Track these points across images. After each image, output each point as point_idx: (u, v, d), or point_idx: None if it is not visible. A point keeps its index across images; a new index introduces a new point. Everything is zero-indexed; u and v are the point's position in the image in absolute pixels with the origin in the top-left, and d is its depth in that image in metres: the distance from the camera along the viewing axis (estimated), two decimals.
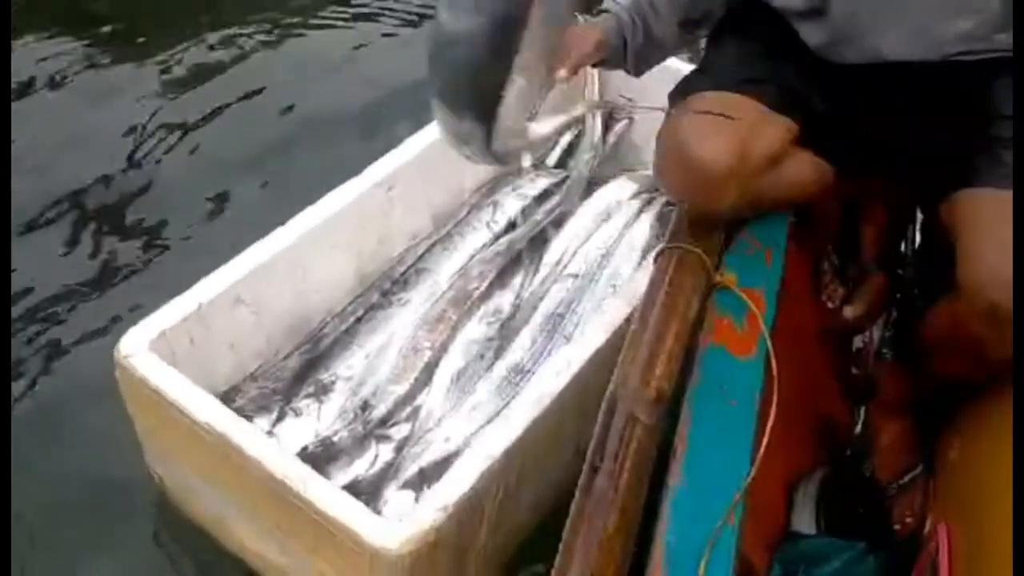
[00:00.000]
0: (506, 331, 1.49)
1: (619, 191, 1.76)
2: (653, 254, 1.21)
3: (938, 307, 1.14)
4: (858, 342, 1.49)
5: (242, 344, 1.40)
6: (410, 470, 1.31)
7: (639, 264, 1.58)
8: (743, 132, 1.14)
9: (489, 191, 1.76)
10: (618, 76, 1.85)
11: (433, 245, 1.65)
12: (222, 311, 1.33)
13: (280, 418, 1.38)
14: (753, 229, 1.25)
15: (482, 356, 1.47)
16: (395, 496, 1.27)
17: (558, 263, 1.61)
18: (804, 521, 1.12)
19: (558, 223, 1.69)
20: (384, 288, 1.58)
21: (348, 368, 1.46)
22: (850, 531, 1.11)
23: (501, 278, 1.58)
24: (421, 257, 1.63)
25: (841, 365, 1.44)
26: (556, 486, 1.40)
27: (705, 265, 1.16)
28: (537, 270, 1.61)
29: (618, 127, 1.90)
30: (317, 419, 1.39)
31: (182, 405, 1.15)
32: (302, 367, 1.46)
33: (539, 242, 1.66)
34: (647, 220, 1.68)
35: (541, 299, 1.54)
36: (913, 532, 1.17)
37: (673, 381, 1.04)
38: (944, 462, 1.21)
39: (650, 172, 1.82)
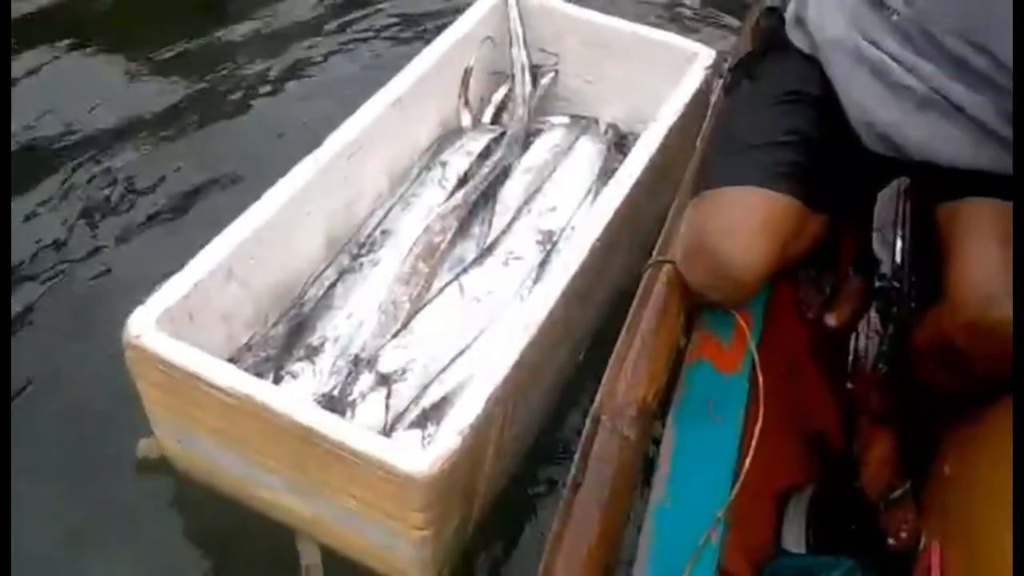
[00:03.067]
0: (473, 275, 1.62)
1: (554, 137, 1.90)
2: (644, 268, 1.21)
3: (926, 316, 1.13)
4: (853, 357, 1.46)
5: (234, 316, 1.48)
6: (413, 412, 1.43)
7: (584, 198, 1.74)
8: (783, 239, 1.11)
9: (435, 152, 1.87)
10: (539, 33, 1.99)
11: (392, 208, 1.75)
12: (216, 286, 1.40)
13: (278, 382, 1.46)
14: None
15: (456, 302, 1.59)
16: (404, 436, 1.38)
17: (509, 208, 1.75)
18: (793, 539, 1.12)
19: (505, 173, 1.82)
20: (353, 252, 1.67)
21: (334, 329, 1.55)
22: (840, 548, 1.11)
23: (462, 229, 1.70)
24: (383, 220, 1.73)
25: (836, 380, 1.41)
26: (543, 413, 1.56)
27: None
28: (493, 217, 1.74)
29: (544, 80, 2.02)
30: (313, 378, 1.48)
31: (202, 374, 1.23)
32: (290, 333, 1.54)
33: (491, 193, 1.78)
34: (584, 158, 1.84)
35: (500, 241, 1.67)
36: (905, 549, 1.15)
37: (658, 397, 1.03)
38: (937, 478, 1.18)
39: (577, 116, 1.98)
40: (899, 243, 1.43)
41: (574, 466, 0.94)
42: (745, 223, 1.11)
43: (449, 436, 1.19)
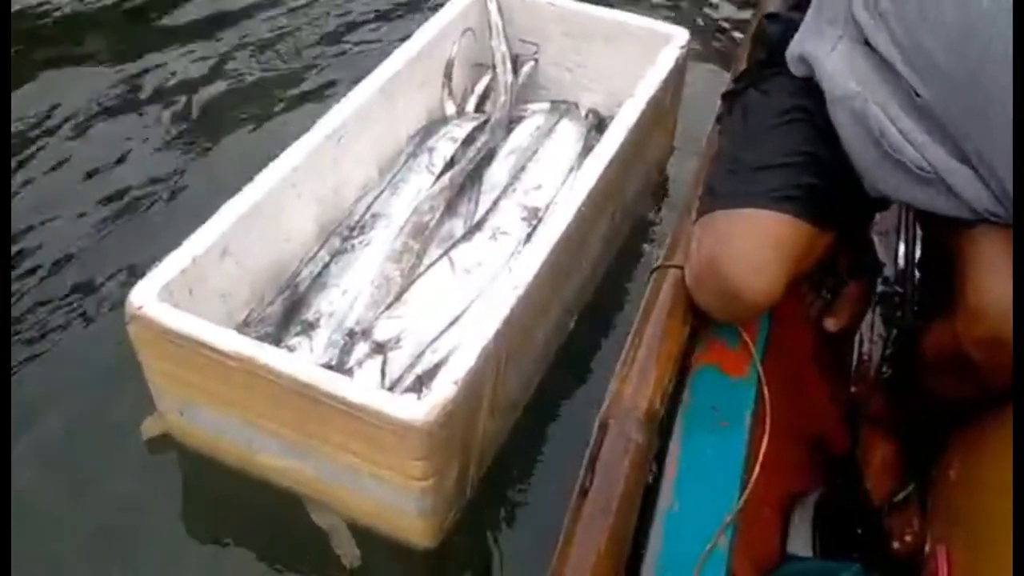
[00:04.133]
0: (462, 250, 1.68)
1: (536, 121, 1.97)
2: (648, 272, 1.21)
3: (937, 325, 1.12)
4: (856, 361, 1.47)
5: (231, 294, 1.52)
6: (408, 379, 1.47)
7: (567, 176, 1.80)
8: (793, 260, 1.10)
9: (421, 140, 1.92)
10: (519, 24, 2.06)
11: (381, 192, 1.81)
12: (212, 263, 1.45)
13: None
14: None
15: (446, 275, 1.64)
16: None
17: (495, 187, 1.81)
18: (800, 543, 1.11)
19: (490, 156, 1.89)
20: (344, 234, 1.73)
21: (329, 304, 1.60)
22: (846, 552, 1.10)
23: (450, 208, 1.76)
24: (372, 204, 1.78)
25: (839, 384, 1.41)
26: (534, 379, 1.60)
27: None
28: (480, 196, 1.80)
29: (525, 69, 2.09)
30: (311, 352, 1.53)
31: (206, 340, 1.28)
32: (287, 310, 1.59)
33: (476, 174, 1.84)
34: (566, 139, 1.91)
35: (487, 218, 1.73)
36: (911, 553, 1.14)
37: (665, 401, 1.04)
38: (942, 481, 1.17)
39: (558, 101, 2.05)
40: (902, 248, 1.46)
41: (582, 471, 0.94)
42: (755, 247, 1.09)
43: (444, 386, 1.23)
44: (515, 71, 2.07)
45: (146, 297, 1.32)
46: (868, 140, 1.10)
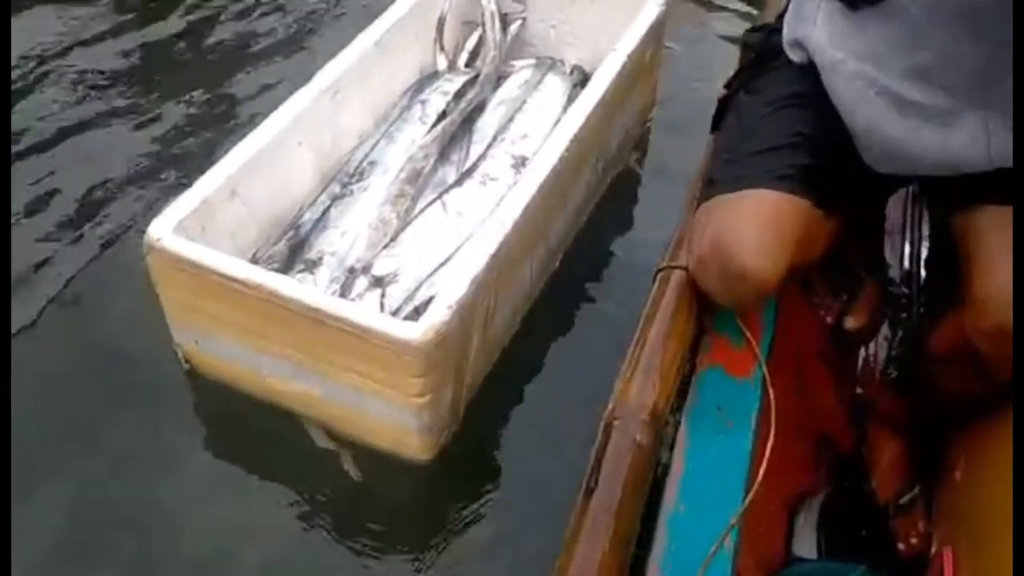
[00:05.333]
0: (454, 194, 1.79)
1: (523, 76, 2.08)
2: (652, 273, 1.22)
3: (945, 320, 1.13)
4: (862, 361, 1.46)
5: (239, 234, 1.63)
6: (405, 310, 1.59)
7: (553, 126, 1.91)
8: (795, 239, 1.10)
9: (415, 93, 2.03)
10: None
11: (378, 142, 1.91)
12: (221, 203, 1.56)
13: None
14: None
15: (440, 217, 1.76)
16: None
17: (485, 136, 1.92)
18: (805, 545, 1.12)
19: (480, 108, 1.99)
20: (344, 181, 1.84)
21: (330, 245, 1.71)
22: (852, 553, 1.11)
23: (443, 156, 1.87)
24: (369, 153, 1.89)
25: (845, 384, 1.41)
26: (517, 312, 1.72)
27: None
28: (471, 145, 1.91)
29: (513, 27, 2.19)
30: (315, 286, 1.65)
31: (221, 269, 1.39)
32: (291, 249, 1.71)
33: (468, 125, 1.95)
34: (552, 92, 2.03)
35: (478, 165, 1.84)
36: (917, 555, 1.14)
37: (670, 401, 1.04)
38: (948, 483, 1.17)
39: (543, 57, 2.16)
40: (907, 248, 1.46)
41: (587, 471, 0.95)
42: (756, 226, 1.10)
43: (439, 311, 1.35)
44: (504, 29, 2.17)
45: (163, 231, 1.43)
46: (862, 98, 1.11)
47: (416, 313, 1.57)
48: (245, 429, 1.59)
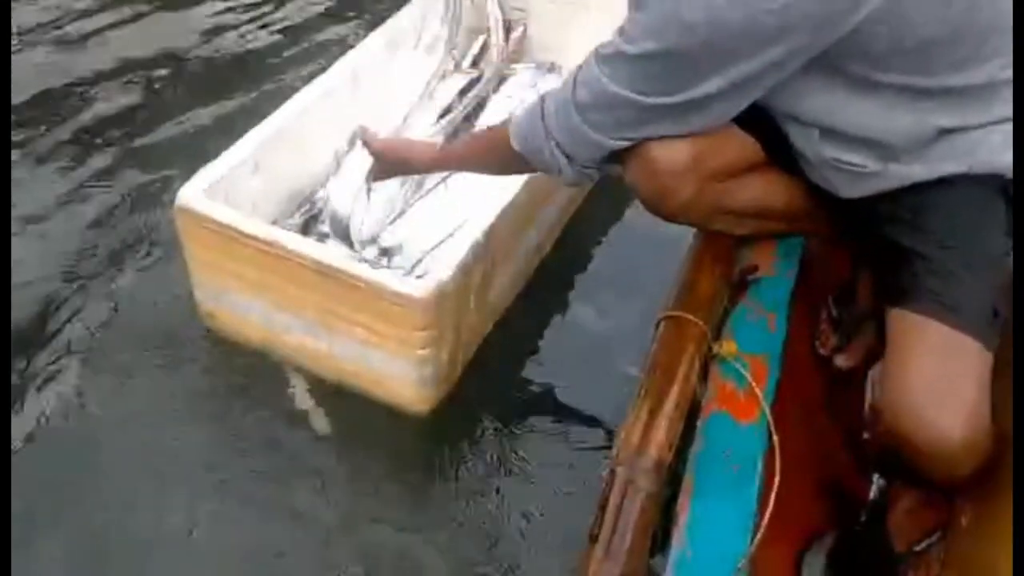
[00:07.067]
0: (457, 178, 1.94)
1: (524, 78, 2.25)
2: (655, 321, 1.26)
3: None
4: (869, 407, 1.41)
5: (260, 206, 1.78)
6: (413, 275, 1.74)
7: None
8: (705, 138, 1.16)
9: (423, 90, 2.19)
10: None
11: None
12: (245, 175, 1.70)
13: None
14: (756, 293, 1.28)
15: (443, 198, 1.91)
16: None
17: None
18: None
19: (481, 105, 2.15)
20: None
21: (341, 220, 1.87)
22: None
23: None
24: None
25: (852, 424, 1.38)
26: (511, 284, 1.86)
27: (705, 336, 1.20)
28: None
29: (515, 33, 2.36)
30: None
31: (245, 229, 1.53)
32: (306, 222, 1.86)
33: (470, 120, 2.11)
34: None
35: None
36: None
37: (674, 448, 1.05)
38: (955, 529, 1.15)
39: (542, 62, 2.32)
40: None
41: (592, 517, 0.97)
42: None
43: (441, 270, 1.50)
44: (506, 35, 2.34)
45: (192, 193, 1.58)
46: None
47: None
48: (253, 382, 1.72)
